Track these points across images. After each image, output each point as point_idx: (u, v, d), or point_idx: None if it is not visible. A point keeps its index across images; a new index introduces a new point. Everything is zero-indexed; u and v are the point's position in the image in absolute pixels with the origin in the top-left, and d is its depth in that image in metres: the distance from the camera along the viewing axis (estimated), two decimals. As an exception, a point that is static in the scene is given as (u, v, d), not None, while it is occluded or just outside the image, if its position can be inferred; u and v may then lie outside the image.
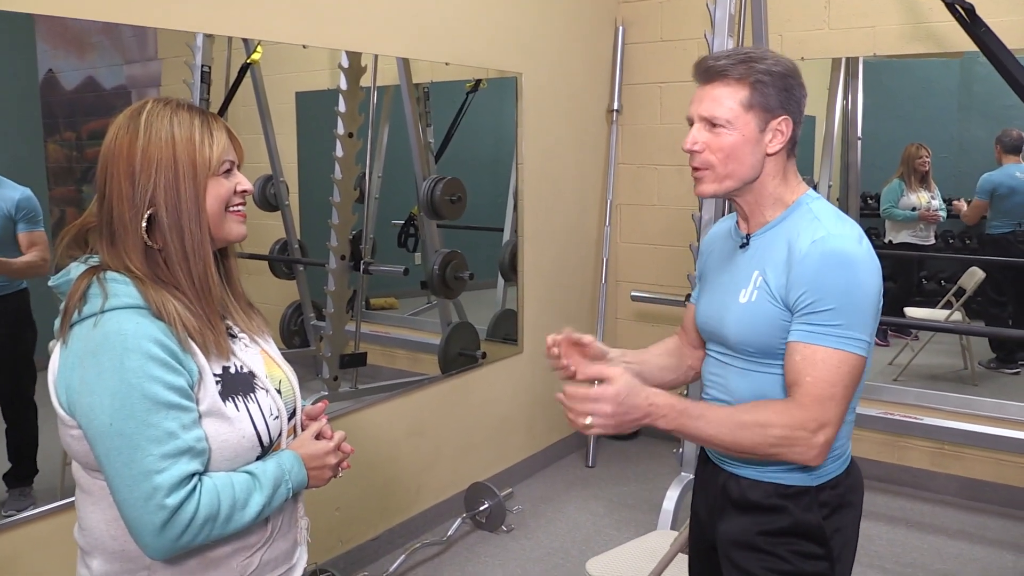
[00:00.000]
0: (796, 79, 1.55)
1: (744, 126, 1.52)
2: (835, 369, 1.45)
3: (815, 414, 1.44)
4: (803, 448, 1.45)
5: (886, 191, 4.74)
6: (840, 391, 1.45)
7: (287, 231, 3.59)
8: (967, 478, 3.98)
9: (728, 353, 1.65)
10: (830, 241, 1.47)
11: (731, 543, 1.67)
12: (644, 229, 4.75)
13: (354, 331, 3.66)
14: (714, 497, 1.73)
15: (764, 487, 1.62)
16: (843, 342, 1.45)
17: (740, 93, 1.52)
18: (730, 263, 1.67)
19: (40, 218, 2.38)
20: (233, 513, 1.26)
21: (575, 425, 1.41)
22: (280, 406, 1.40)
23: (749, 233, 1.63)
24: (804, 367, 1.46)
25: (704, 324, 1.72)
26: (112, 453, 1.20)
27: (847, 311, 1.45)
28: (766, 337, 1.54)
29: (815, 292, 1.45)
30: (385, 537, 3.46)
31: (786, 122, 1.54)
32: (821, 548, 1.59)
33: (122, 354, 1.20)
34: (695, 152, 1.56)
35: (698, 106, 1.57)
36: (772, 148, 1.55)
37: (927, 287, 5.05)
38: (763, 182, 1.58)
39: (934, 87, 4.80)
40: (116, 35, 2.54)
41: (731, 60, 1.53)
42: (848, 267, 1.46)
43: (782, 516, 1.60)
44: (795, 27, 4.13)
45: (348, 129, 3.48)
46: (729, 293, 1.62)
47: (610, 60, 4.66)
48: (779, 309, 1.51)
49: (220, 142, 1.34)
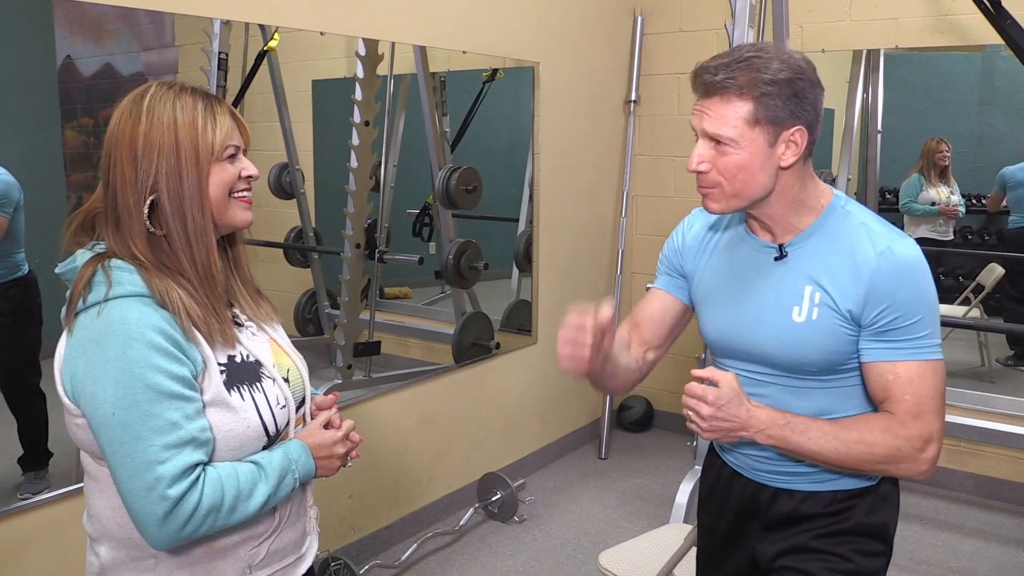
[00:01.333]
0: (807, 80, 1.40)
1: (751, 143, 1.40)
2: (930, 381, 1.43)
3: (919, 431, 1.42)
4: (911, 464, 1.43)
5: (905, 186, 4.70)
6: (938, 401, 1.44)
7: (302, 219, 3.60)
8: (983, 476, 3.95)
9: (768, 372, 1.56)
10: (897, 252, 1.42)
11: (783, 552, 1.61)
12: (660, 221, 4.73)
13: (368, 320, 3.67)
14: (747, 513, 1.66)
15: (823, 496, 1.57)
16: (927, 353, 1.43)
17: (744, 108, 1.38)
18: (762, 275, 1.54)
19: (9, 205, 2.33)
20: (237, 504, 1.25)
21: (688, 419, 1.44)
22: (287, 395, 1.39)
23: (781, 244, 1.52)
24: (896, 385, 1.43)
25: (723, 340, 1.62)
26: (115, 443, 1.19)
27: (928, 321, 1.42)
28: (835, 355, 1.48)
29: (897, 308, 1.41)
30: (397, 526, 3.47)
31: (800, 132, 1.40)
32: (883, 544, 1.58)
33: (125, 343, 1.19)
34: (700, 172, 1.46)
35: (700, 121, 1.44)
36: (786, 161, 1.42)
37: (945, 283, 5.01)
38: (781, 193, 1.46)
39: (955, 81, 4.75)
40: (133, 21, 2.54)
41: (730, 72, 1.38)
42: (919, 276, 1.43)
43: (844, 518, 1.57)
44: (816, 18, 4.09)
45: (364, 117, 3.47)
46: (772, 310, 1.51)
47: (628, 50, 4.63)
48: (847, 325, 1.45)
49: (224, 126, 1.31)
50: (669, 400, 4.79)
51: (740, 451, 1.65)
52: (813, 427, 1.44)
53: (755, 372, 1.58)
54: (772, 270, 1.53)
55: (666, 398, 4.81)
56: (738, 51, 1.42)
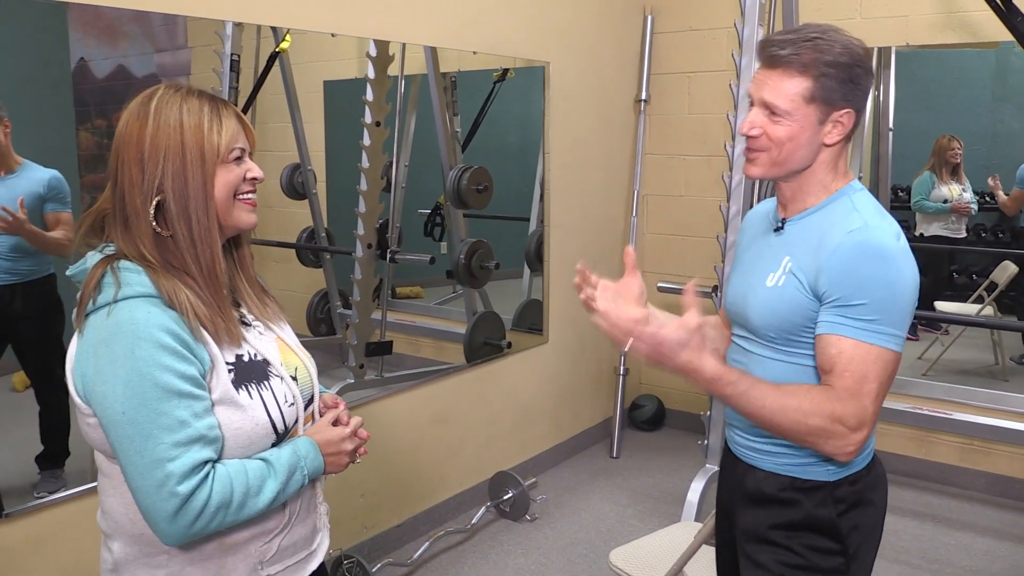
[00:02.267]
0: (864, 67, 1.49)
1: (804, 118, 1.49)
2: (872, 365, 1.42)
3: (854, 410, 1.42)
4: (838, 443, 1.43)
5: (917, 183, 4.68)
6: (875, 387, 1.43)
7: (314, 219, 3.61)
8: (996, 474, 3.94)
9: (750, 339, 1.63)
10: (866, 232, 1.44)
11: (746, 536, 1.66)
12: (671, 220, 4.73)
13: (380, 319, 3.68)
14: (734, 489, 1.73)
15: (780, 480, 1.60)
16: (878, 337, 1.42)
17: (803, 85, 1.48)
18: (762, 245, 1.65)
19: (68, 200, 2.41)
20: (247, 500, 1.27)
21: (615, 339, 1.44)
22: (295, 393, 1.40)
23: (786, 218, 1.60)
24: (839, 360, 1.44)
25: (730, 306, 1.70)
26: (125, 441, 1.21)
27: (882, 306, 1.42)
28: (789, 324, 1.52)
29: (849, 285, 1.43)
30: (409, 524, 3.49)
31: (848, 115, 1.50)
32: (836, 544, 1.57)
33: (134, 343, 1.21)
34: (753, 136, 1.54)
35: (759, 90, 1.53)
36: (830, 140, 1.52)
37: (958, 281, 4.98)
38: (814, 170, 1.55)
39: (968, 78, 4.72)
40: (147, 24, 2.56)
41: (796, 48, 1.47)
42: (883, 261, 1.43)
43: (794, 510, 1.59)
44: (826, 16, 4.08)
45: (375, 118, 3.48)
46: (756, 275, 1.60)
47: (638, 49, 4.63)
48: (807, 297, 1.49)
49: (229, 129, 1.33)
50: (681, 399, 4.79)
51: (731, 424, 1.72)
52: (757, 387, 1.44)
53: (743, 339, 1.66)
54: (771, 241, 1.62)
55: (678, 397, 4.81)
56: (805, 29, 1.51)
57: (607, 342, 4.53)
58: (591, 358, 4.54)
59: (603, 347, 4.61)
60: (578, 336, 4.38)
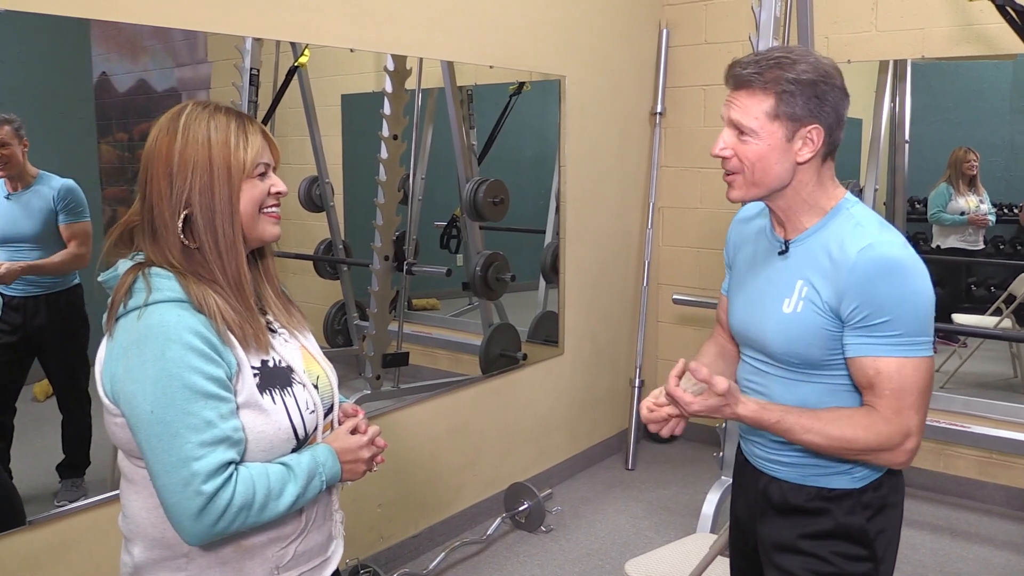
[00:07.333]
0: (830, 84, 1.49)
1: (770, 136, 1.51)
2: (911, 378, 1.46)
3: (899, 427, 1.47)
4: (889, 456, 1.50)
5: (933, 195, 4.66)
6: (918, 397, 1.47)
7: (332, 232, 3.64)
8: (1015, 488, 3.91)
9: (768, 362, 1.64)
10: (877, 249, 1.46)
11: (772, 546, 1.67)
12: (686, 232, 4.74)
13: (397, 331, 3.70)
14: (754, 500, 1.73)
15: (807, 491, 1.62)
16: (907, 349, 1.46)
17: (766, 103, 1.50)
18: (768, 268, 1.65)
19: (81, 209, 2.43)
20: (268, 502, 1.30)
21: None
22: (316, 401, 1.43)
23: (787, 240, 1.61)
24: (877, 380, 1.47)
25: (739, 328, 1.71)
26: (152, 440, 1.24)
27: (906, 319, 1.45)
28: (812, 348, 1.54)
29: (871, 304, 1.45)
30: (425, 535, 3.50)
31: (816, 131, 1.50)
32: (865, 550, 1.60)
33: (164, 344, 1.24)
34: (724, 157, 1.57)
35: (727, 110, 1.56)
36: (802, 157, 1.52)
37: (976, 293, 4.95)
38: (796, 188, 1.56)
39: (985, 90, 4.71)
40: (167, 39, 2.60)
41: (758, 67, 1.50)
42: (899, 275, 1.45)
43: (824, 519, 1.61)
44: (842, 29, 4.09)
45: (393, 131, 3.52)
46: (770, 301, 1.60)
47: (654, 63, 4.65)
48: (827, 320, 1.51)
49: (255, 145, 1.37)
50: (697, 411, 4.77)
51: (748, 437, 1.74)
52: (799, 420, 1.50)
53: (759, 361, 1.67)
54: (776, 264, 1.63)
55: (694, 409, 4.79)
56: (771, 52, 1.53)
57: (623, 354, 4.56)
58: (607, 370, 4.55)
59: (619, 359, 4.62)
60: (594, 348, 4.38)
